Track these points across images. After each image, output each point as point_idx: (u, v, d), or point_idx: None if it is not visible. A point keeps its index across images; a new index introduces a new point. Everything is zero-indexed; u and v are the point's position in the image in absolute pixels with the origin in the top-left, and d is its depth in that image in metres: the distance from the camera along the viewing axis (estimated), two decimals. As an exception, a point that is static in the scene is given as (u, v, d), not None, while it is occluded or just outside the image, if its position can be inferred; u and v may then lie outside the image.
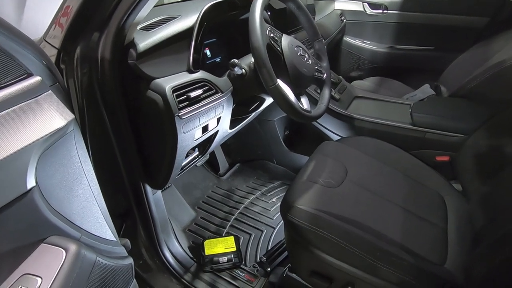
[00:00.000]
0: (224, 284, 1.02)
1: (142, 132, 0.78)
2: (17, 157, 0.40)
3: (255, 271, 1.06)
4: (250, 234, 1.24)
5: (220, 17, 0.87)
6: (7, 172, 0.39)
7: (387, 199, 0.89)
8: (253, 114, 1.07)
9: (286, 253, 1.09)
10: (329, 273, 0.79)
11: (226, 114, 0.90)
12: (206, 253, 1.11)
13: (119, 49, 0.65)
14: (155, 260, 1.00)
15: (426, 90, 1.47)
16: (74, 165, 0.53)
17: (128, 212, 0.93)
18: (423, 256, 0.74)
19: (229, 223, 1.28)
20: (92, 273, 0.49)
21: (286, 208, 0.83)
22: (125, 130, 0.75)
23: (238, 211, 1.34)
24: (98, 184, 0.61)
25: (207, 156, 1.17)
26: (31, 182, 0.43)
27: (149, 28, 0.75)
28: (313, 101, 1.06)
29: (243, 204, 1.38)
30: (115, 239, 0.65)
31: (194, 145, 0.86)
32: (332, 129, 1.29)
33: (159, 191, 0.94)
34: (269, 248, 1.17)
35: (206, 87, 0.78)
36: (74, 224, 0.53)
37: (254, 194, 1.43)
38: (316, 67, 0.91)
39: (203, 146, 0.96)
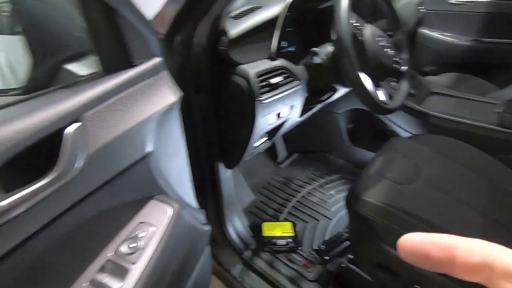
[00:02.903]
0: (281, 266, 1.06)
1: (223, 114, 0.85)
2: (144, 124, 0.48)
3: (312, 258, 1.08)
4: (307, 222, 1.26)
5: (303, 6, 0.89)
6: (137, 136, 0.47)
7: (466, 203, 0.84)
8: (323, 104, 1.07)
9: (344, 244, 1.09)
10: (395, 268, 0.78)
11: (299, 102, 0.92)
12: (265, 234, 1.16)
13: (213, 36, 0.71)
14: (220, 234, 1.09)
15: (517, 89, 1.31)
16: (175, 137, 0.61)
17: (201, 188, 1.02)
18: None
19: (287, 209, 1.32)
20: (188, 231, 0.57)
21: (353, 199, 0.84)
22: (209, 111, 0.83)
23: (296, 199, 1.37)
24: (187, 157, 0.69)
25: (271, 142, 1.22)
26: (150, 147, 0.51)
27: (238, 17, 0.80)
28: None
29: (300, 193, 1.41)
30: (198, 207, 0.73)
31: (267, 130, 0.90)
32: (403, 125, 1.23)
33: (230, 171, 1.01)
34: (325, 237, 1.18)
35: (285, 75, 0.81)
36: (172, 188, 0.61)
37: (311, 185, 1.45)
38: (396, 59, 0.88)
39: (272, 132, 1.00)
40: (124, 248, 0.46)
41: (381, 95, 0.86)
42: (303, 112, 1.01)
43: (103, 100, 0.41)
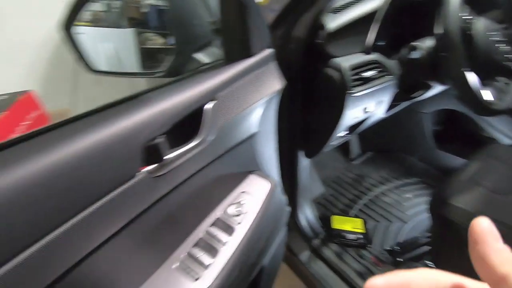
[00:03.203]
0: (350, 259, 1.07)
1: (310, 105, 0.88)
2: (255, 107, 0.55)
3: (383, 257, 1.06)
4: (378, 222, 1.23)
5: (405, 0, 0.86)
6: (249, 117, 0.55)
7: None
8: (411, 102, 1.03)
9: (421, 249, 1.04)
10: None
11: (387, 98, 0.91)
12: (334, 227, 1.18)
13: (312, 30, 0.75)
14: (291, 219, 1.14)
15: None
16: (272, 122, 0.67)
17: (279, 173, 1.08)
18: None
19: (358, 206, 1.30)
20: (277, 207, 0.63)
21: (438, 203, 0.80)
22: (298, 101, 0.87)
23: (368, 197, 1.35)
24: (276, 142, 0.75)
25: (350, 137, 1.21)
26: (255, 128, 0.58)
27: (336, 10, 0.82)
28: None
29: (372, 191, 1.37)
30: (282, 188, 0.79)
31: (352, 123, 0.91)
32: (506, 131, 1.10)
33: (308, 160, 1.05)
34: (398, 240, 1.14)
35: (378, 69, 0.81)
36: (266, 168, 0.67)
37: (385, 185, 1.40)
38: (509, 56, 0.79)
39: (354, 126, 1.00)
40: (230, 210, 0.54)
41: (487, 95, 0.79)
42: (389, 108, 0.99)
43: (231, 83, 0.49)
